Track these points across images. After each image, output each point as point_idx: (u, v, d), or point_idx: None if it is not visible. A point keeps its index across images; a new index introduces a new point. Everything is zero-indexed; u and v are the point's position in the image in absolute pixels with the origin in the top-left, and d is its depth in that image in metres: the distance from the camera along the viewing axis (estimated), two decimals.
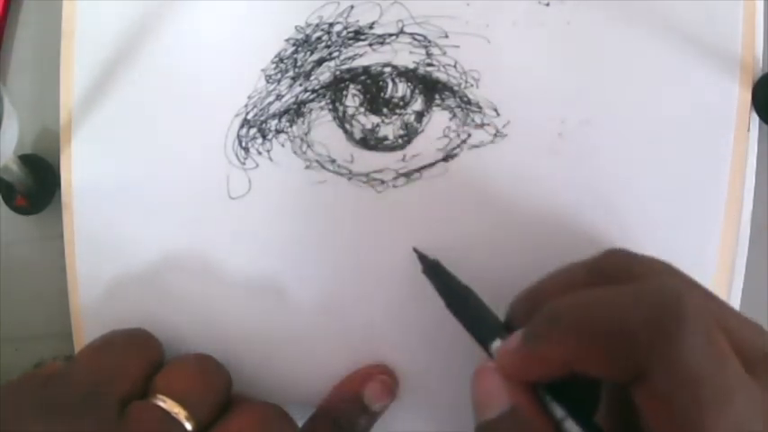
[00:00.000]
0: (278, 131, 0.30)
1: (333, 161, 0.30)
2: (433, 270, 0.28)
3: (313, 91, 0.30)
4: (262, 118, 0.30)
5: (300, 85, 0.30)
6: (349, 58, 0.30)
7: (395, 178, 0.30)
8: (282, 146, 0.30)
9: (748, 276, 0.30)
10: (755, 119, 0.29)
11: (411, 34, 0.30)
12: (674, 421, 0.20)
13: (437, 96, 0.30)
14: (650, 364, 0.20)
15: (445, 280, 0.27)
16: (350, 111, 0.30)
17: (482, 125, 0.29)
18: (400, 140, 0.30)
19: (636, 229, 0.29)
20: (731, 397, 0.20)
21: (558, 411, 0.23)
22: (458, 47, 0.29)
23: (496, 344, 0.25)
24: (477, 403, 0.24)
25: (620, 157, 0.29)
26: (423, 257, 0.28)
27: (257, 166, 0.30)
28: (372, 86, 0.30)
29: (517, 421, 0.23)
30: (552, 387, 0.23)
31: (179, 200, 0.30)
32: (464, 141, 0.30)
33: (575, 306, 0.23)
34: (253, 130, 0.30)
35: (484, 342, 0.25)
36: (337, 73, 0.30)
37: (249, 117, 0.30)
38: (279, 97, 0.30)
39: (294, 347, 0.30)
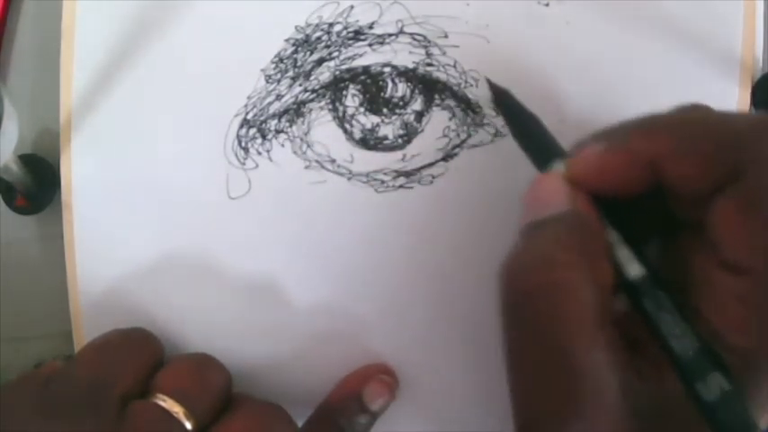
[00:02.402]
0: (278, 131, 0.30)
1: (333, 161, 0.30)
2: (502, 99, 0.27)
3: (313, 91, 0.30)
4: (261, 118, 0.30)
5: (300, 85, 0.30)
6: (349, 58, 0.30)
7: (395, 178, 0.30)
8: (282, 146, 0.30)
9: None
10: None
11: (411, 34, 0.30)
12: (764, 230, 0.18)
13: (437, 96, 0.30)
14: (751, 158, 0.19)
15: (514, 108, 0.26)
16: (350, 111, 0.30)
17: (482, 125, 0.29)
18: (400, 140, 0.30)
19: None
20: None
21: (613, 235, 0.22)
22: (458, 47, 0.29)
23: (558, 164, 0.24)
24: (533, 202, 0.23)
25: None
26: (492, 86, 0.27)
27: (257, 166, 0.30)
28: (372, 86, 0.30)
29: (576, 221, 0.21)
30: (609, 214, 0.22)
31: (179, 200, 0.30)
32: (464, 141, 0.30)
33: (668, 113, 0.21)
34: (252, 131, 0.30)
35: (548, 165, 0.24)
36: (337, 73, 0.30)
37: (249, 117, 0.30)
38: (279, 97, 0.30)
39: (294, 347, 0.30)
